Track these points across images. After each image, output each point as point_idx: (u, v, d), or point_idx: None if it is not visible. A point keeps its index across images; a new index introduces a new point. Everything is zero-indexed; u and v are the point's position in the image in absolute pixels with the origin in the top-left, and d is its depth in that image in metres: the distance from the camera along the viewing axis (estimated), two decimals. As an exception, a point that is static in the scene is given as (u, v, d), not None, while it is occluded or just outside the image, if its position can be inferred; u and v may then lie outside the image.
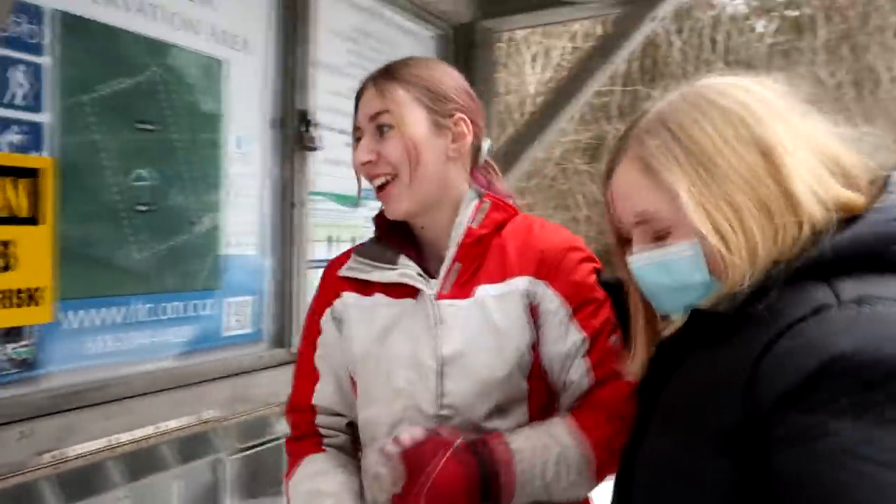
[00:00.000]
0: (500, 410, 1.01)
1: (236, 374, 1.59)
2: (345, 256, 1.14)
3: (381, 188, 1.05)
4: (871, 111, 6.43)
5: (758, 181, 0.70)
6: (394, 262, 1.06)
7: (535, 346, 1.02)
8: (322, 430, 1.10)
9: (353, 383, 1.08)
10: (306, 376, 1.11)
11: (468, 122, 1.06)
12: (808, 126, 0.73)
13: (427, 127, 1.03)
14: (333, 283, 1.11)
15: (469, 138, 1.06)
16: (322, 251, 1.89)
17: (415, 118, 1.02)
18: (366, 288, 1.07)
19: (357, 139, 1.05)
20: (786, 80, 0.78)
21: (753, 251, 0.69)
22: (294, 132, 1.71)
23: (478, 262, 1.04)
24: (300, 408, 1.11)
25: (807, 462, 0.59)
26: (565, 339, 1.01)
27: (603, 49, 2.20)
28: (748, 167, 0.70)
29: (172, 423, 1.44)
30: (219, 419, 1.54)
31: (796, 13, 7.12)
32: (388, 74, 1.04)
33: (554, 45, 5.50)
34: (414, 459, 0.90)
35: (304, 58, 1.73)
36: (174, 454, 1.47)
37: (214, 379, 1.54)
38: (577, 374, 1.01)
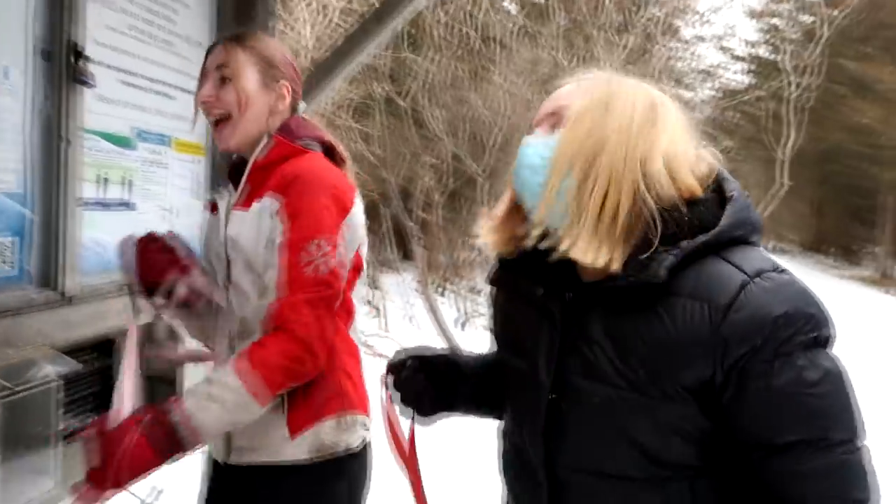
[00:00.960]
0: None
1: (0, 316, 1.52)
2: None
3: (216, 125, 1.39)
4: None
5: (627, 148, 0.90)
6: (225, 185, 1.46)
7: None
8: None
9: None
10: None
11: (289, 88, 1.41)
12: (673, 127, 0.94)
13: (257, 85, 1.37)
14: None
15: (288, 100, 1.42)
16: (90, 191, 1.84)
17: (248, 76, 1.37)
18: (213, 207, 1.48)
19: (201, 82, 1.39)
20: (531, 60, 1.07)
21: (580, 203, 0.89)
22: (65, 65, 1.64)
23: (260, 185, 1.36)
24: None
25: (768, 393, 0.83)
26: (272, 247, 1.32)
27: (380, 14, 2.37)
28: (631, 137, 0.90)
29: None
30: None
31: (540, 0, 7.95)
32: (237, 40, 1.39)
33: (330, 2, 5.54)
34: (108, 443, 1.17)
35: (76, -13, 1.65)
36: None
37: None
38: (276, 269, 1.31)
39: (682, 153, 0.92)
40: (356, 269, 1.43)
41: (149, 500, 3.14)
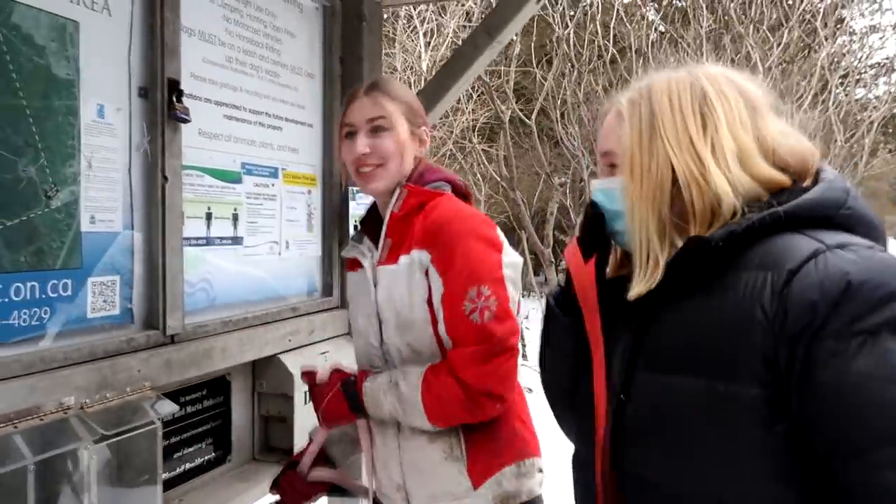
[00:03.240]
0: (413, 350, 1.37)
1: (101, 358, 1.50)
2: None
3: (365, 174, 1.41)
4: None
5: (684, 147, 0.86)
6: (360, 241, 1.48)
7: (430, 301, 1.32)
8: None
9: None
10: None
11: (427, 134, 1.48)
12: (748, 116, 0.89)
13: (407, 133, 1.42)
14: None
15: (428, 145, 1.50)
16: (199, 228, 1.81)
17: (401, 124, 1.41)
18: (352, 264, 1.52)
19: (348, 134, 1.43)
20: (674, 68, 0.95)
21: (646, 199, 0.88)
22: (163, 102, 1.62)
23: (402, 236, 1.37)
24: None
25: (842, 379, 0.70)
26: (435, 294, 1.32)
27: (488, 26, 2.21)
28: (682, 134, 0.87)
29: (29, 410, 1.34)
30: (84, 405, 1.45)
31: (682, 3, 7.46)
32: (379, 88, 1.42)
33: (446, 24, 5.50)
34: (317, 392, 1.44)
35: (173, 22, 1.64)
36: (33, 443, 1.37)
37: (77, 363, 1.44)
38: (441, 323, 1.31)
39: (746, 144, 0.87)
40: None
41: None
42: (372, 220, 1.49)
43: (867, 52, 9.05)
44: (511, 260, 1.34)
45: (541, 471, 1.40)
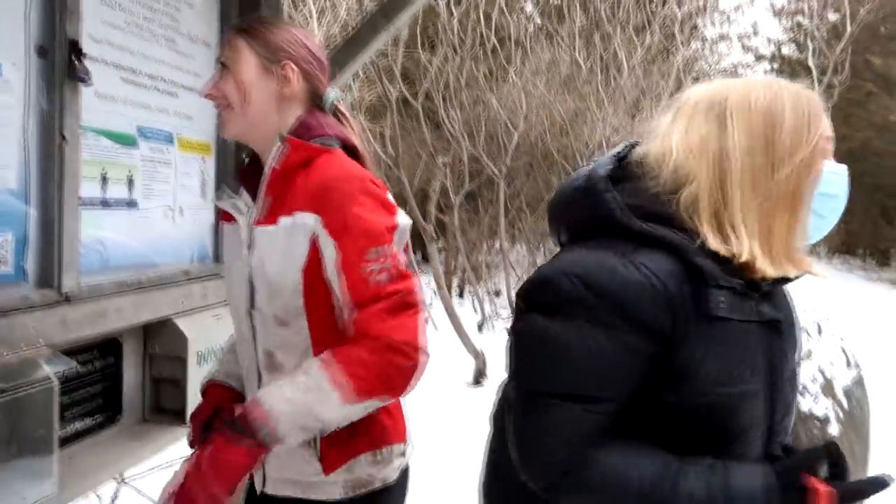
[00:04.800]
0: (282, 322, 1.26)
1: (-4, 315, 1.50)
2: None
3: (220, 118, 1.33)
4: (614, 94, 7.41)
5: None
6: (237, 191, 1.35)
7: (306, 270, 1.23)
8: None
9: None
10: None
11: (295, 69, 1.29)
12: None
13: (256, 70, 1.28)
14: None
15: (296, 84, 1.30)
16: (95, 189, 1.82)
17: (245, 61, 1.28)
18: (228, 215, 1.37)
19: None
20: (550, 61, 1.11)
21: None
22: (62, 61, 1.62)
23: (282, 195, 1.26)
24: None
25: None
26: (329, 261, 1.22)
27: (385, 9, 2.34)
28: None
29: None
30: (-25, 362, 1.45)
31: (558, 0, 7.89)
32: (239, 27, 1.32)
33: (340, 2, 5.53)
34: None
35: (73, -17, 1.64)
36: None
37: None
38: (338, 290, 1.22)
39: None
40: None
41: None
42: (252, 173, 1.34)
43: (717, 59, 10.03)
44: (404, 221, 1.27)
45: (403, 454, 1.35)
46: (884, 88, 16.94)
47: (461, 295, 11.79)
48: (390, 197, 1.29)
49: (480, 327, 9.02)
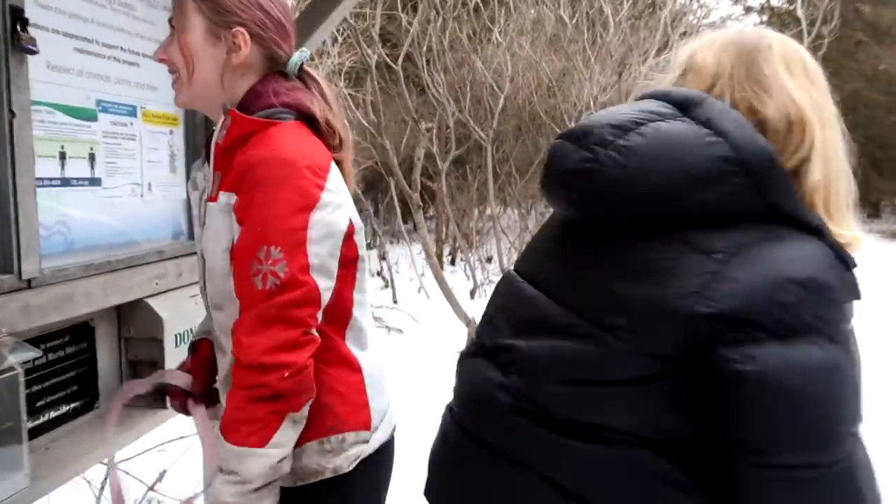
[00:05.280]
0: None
1: (-49, 304, 1.42)
2: None
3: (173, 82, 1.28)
4: (600, 52, 7.25)
5: None
6: (204, 163, 1.31)
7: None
8: None
9: None
10: None
11: (246, 35, 1.20)
12: None
13: (202, 35, 1.20)
14: None
15: (245, 51, 1.21)
16: (53, 168, 1.72)
17: (191, 26, 1.20)
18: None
19: None
20: (535, 20, 0.99)
21: None
22: (4, 30, 1.51)
23: (225, 171, 1.20)
24: None
25: None
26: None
27: (354, -32, 2.21)
28: None
29: None
30: (-68, 354, 1.38)
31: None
32: None
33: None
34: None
35: (12, -55, 1.52)
36: None
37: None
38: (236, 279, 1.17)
39: None
40: (351, 262, 1.23)
41: (154, 483, 3.10)
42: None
43: (704, 12, 9.83)
44: (329, 220, 1.13)
45: (364, 441, 1.27)
46: (874, 37, 16.75)
47: (453, 262, 11.74)
48: (334, 186, 1.18)
49: (472, 294, 8.99)
